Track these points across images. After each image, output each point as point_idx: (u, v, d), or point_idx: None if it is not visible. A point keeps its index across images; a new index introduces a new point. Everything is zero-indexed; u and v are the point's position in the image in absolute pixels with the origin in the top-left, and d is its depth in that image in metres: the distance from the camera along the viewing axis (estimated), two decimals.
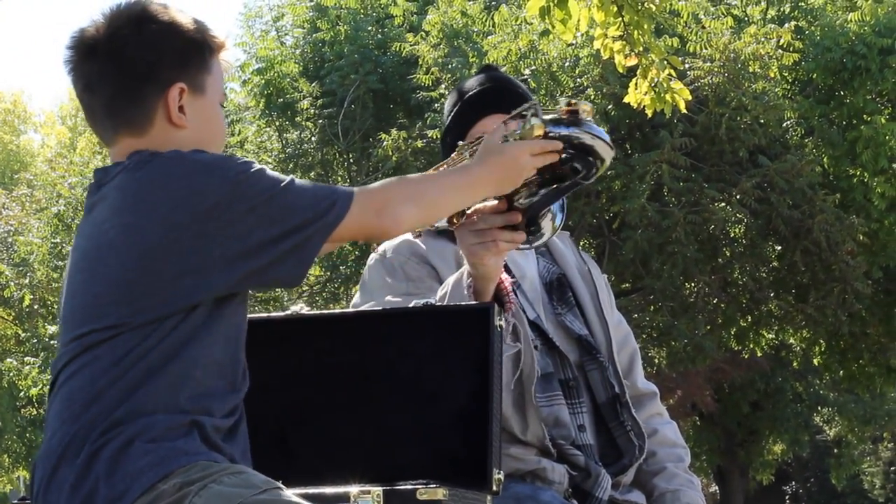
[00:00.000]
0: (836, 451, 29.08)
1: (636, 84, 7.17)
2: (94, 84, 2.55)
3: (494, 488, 2.81)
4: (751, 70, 13.98)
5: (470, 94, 3.46)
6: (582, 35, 11.49)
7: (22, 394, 19.53)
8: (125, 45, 2.53)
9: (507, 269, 3.36)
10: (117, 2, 2.59)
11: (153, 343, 2.39)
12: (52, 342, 17.81)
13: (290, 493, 2.34)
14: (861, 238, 14.81)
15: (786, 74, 15.22)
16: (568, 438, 3.28)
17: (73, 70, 2.59)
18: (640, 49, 7.01)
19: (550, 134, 2.82)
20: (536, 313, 3.34)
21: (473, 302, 3.15)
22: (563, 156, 2.86)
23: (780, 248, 15.72)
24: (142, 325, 2.39)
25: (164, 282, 2.39)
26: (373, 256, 3.44)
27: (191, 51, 2.57)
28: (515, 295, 3.28)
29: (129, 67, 2.52)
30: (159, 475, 2.31)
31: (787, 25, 14.30)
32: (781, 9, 16.06)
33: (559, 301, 3.45)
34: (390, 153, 14.08)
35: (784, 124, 14.90)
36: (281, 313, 3.15)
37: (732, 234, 15.52)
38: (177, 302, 2.40)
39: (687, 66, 13.34)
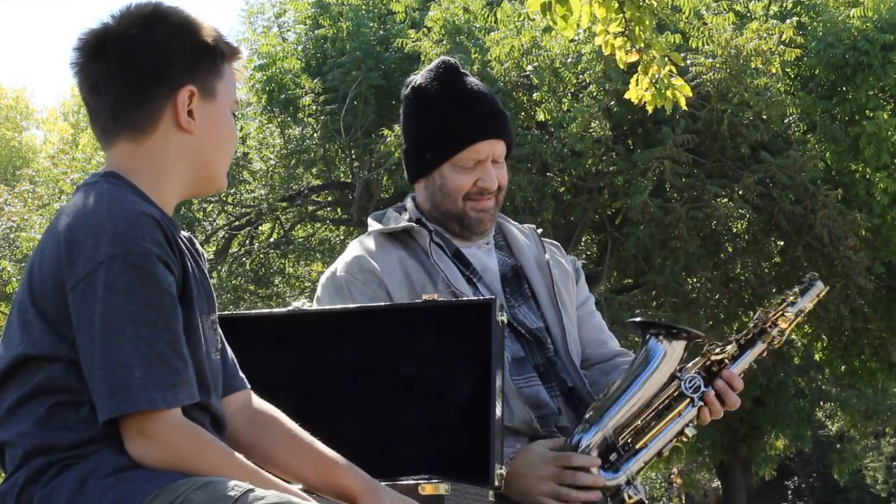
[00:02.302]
0: (838, 446, 29.05)
1: (637, 80, 7.18)
2: (100, 85, 2.47)
3: (496, 483, 2.82)
4: (753, 66, 13.96)
5: (462, 115, 3.44)
6: (584, 31, 11.50)
7: None
8: (134, 45, 2.45)
9: (468, 263, 3.42)
10: (126, 2, 2.51)
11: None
12: None
13: (261, 491, 2.28)
14: (863, 233, 14.80)
15: (788, 70, 15.21)
16: (552, 419, 3.31)
17: (79, 71, 2.50)
18: (642, 45, 7.01)
19: None
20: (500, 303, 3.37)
21: (477, 298, 3.17)
22: None
23: (782, 243, 15.73)
24: (69, 359, 2.33)
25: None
26: (326, 272, 3.47)
27: (202, 53, 2.50)
28: (475, 288, 3.36)
29: (138, 68, 2.45)
30: None
31: (789, 21, 14.30)
32: (784, 4, 16.04)
33: (513, 293, 3.48)
34: (393, 149, 14.08)
35: (786, 120, 14.90)
36: (283, 309, 3.16)
37: (735, 230, 15.52)
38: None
39: (689, 62, 13.33)
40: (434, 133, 3.47)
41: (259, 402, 2.64)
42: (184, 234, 2.51)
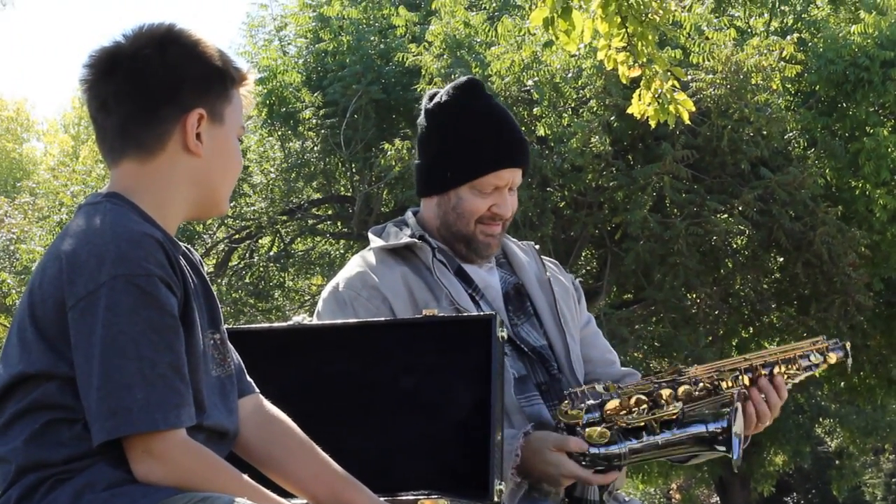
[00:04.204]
0: (837, 462, 29.02)
1: (640, 95, 7.17)
2: (110, 103, 2.48)
3: (496, 499, 2.81)
4: (753, 82, 13.97)
5: (489, 140, 3.42)
6: (585, 46, 11.50)
7: None
8: (147, 65, 2.46)
9: (470, 280, 3.41)
10: (138, 22, 2.53)
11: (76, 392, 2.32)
12: None
13: None
14: (863, 250, 14.80)
15: (788, 86, 15.22)
16: None
17: (89, 88, 2.50)
18: (644, 60, 7.01)
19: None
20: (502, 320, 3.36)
21: (477, 314, 3.17)
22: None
23: (781, 259, 15.73)
24: (66, 377, 2.33)
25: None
26: (328, 287, 3.45)
27: (213, 77, 2.51)
28: (478, 306, 3.34)
29: (149, 88, 2.46)
30: None
31: (789, 37, 14.31)
32: (784, 21, 16.06)
33: (516, 311, 3.47)
34: (393, 163, 14.09)
35: (786, 136, 14.90)
36: (283, 324, 3.15)
37: (734, 246, 15.51)
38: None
39: (689, 77, 13.34)
40: (458, 153, 3.44)
41: (271, 409, 2.64)
42: (183, 246, 2.51)
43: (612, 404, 3.23)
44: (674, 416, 3.23)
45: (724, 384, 3.33)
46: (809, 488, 33.99)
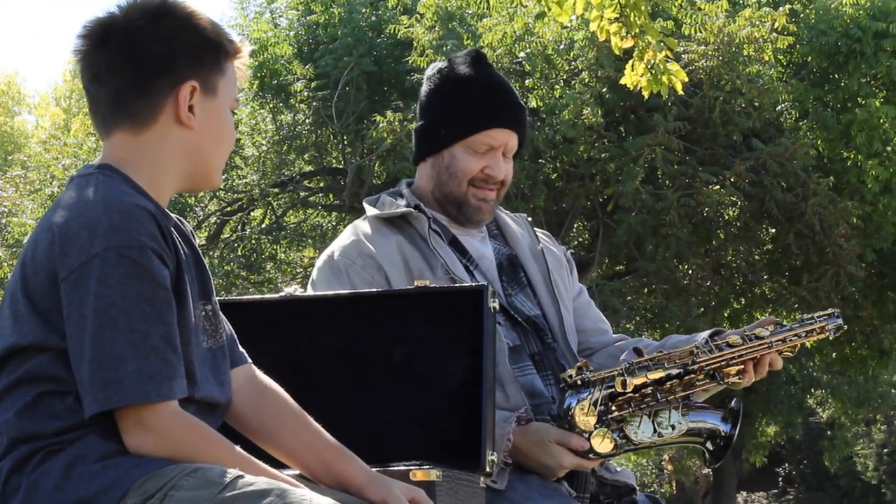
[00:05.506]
0: (829, 433, 29.09)
1: (633, 66, 7.16)
2: (102, 74, 2.46)
3: (487, 469, 2.82)
4: (745, 53, 13.97)
5: (484, 99, 3.45)
6: (577, 17, 11.48)
7: None
8: (140, 36, 2.44)
9: (464, 251, 3.42)
10: None
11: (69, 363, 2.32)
12: None
13: (250, 477, 2.28)
14: (854, 221, 14.82)
15: (780, 58, 15.21)
16: (545, 407, 3.31)
17: (82, 59, 2.49)
18: (637, 31, 7.00)
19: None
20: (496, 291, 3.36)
21: (468, 284, 3.17)
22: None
23: (773, 230, 15.75)
24: (58, 349, 2.33)
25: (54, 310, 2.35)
26: (322, 255, 3.45)
27: (206, 49, 2.50)
28: (472, 276, 3.36)
29: (142, 59, 2.44)
30: (115, 498, 2.25)
31: (781, 9, 14.30)
32: None
33: (510, 281, 3.48)
34: (385, 135, 14.08)
35: (778, 107, 14.91)
36: (275, 295, 3.15)
37: (726, 217, 15.53)
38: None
39: (681, 49, 13.32)
40: (452, 112, 3.46)
41: (264, 379, 2.64)
42: (174, 218, 2.51)
43: (621, 399, 3.21)
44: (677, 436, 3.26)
45: (728, 370, 3.33)
46: (801, 459, 34.12)
